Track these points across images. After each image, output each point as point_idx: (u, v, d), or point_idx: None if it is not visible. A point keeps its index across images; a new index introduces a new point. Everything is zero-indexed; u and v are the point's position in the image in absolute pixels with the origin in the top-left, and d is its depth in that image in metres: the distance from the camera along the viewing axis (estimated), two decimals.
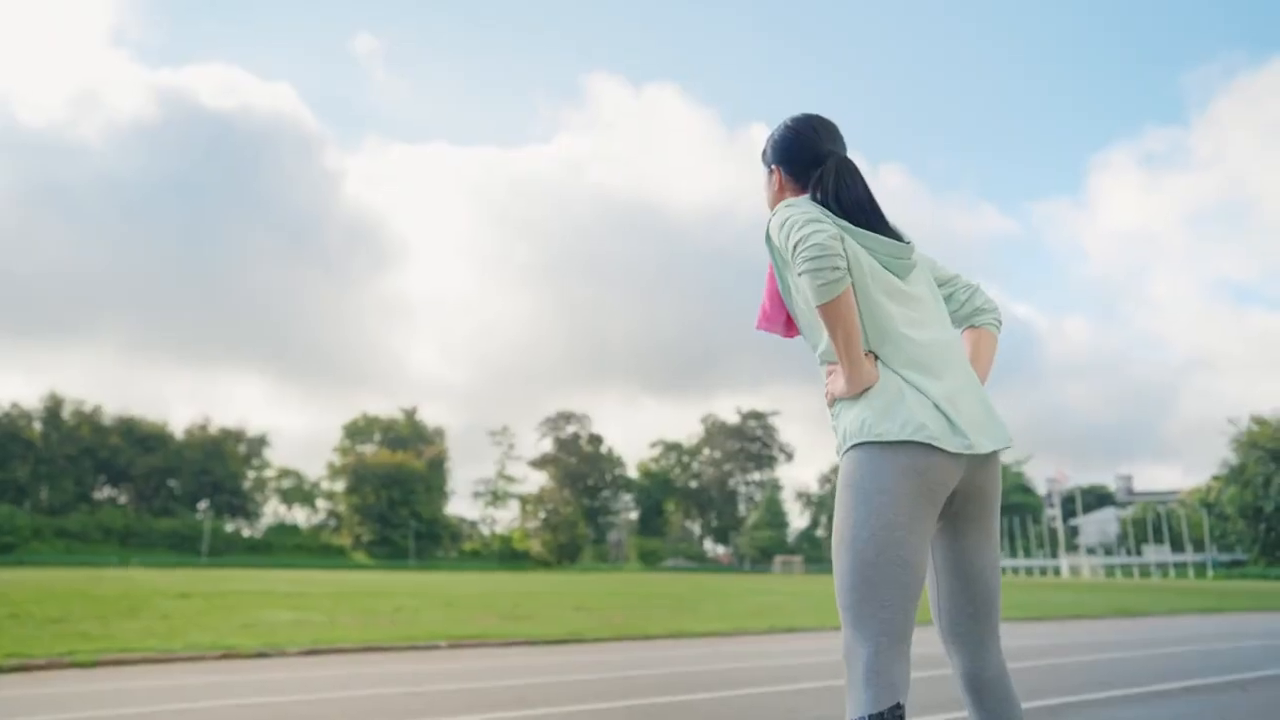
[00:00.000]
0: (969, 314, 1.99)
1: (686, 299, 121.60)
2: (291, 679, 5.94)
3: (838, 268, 1.60)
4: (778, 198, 1.99)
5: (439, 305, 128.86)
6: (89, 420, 74.48)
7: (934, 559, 1.86)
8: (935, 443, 1.64)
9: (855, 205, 1.81)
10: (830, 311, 1.63)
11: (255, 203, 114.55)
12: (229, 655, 7.09)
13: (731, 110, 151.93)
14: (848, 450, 1.73)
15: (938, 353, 1.77)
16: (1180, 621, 13.02)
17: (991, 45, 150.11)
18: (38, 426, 72.15)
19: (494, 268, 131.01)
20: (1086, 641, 9.32)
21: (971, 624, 1.80)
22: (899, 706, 1.59)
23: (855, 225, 1.79)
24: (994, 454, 1.76)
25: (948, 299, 2.00)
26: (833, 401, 1.81)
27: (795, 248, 1.64)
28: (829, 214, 1.78)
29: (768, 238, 1.81)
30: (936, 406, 1.69)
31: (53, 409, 73.10)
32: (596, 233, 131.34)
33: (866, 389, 1.72)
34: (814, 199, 1.83)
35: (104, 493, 77.29)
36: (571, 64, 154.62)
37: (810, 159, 1.91)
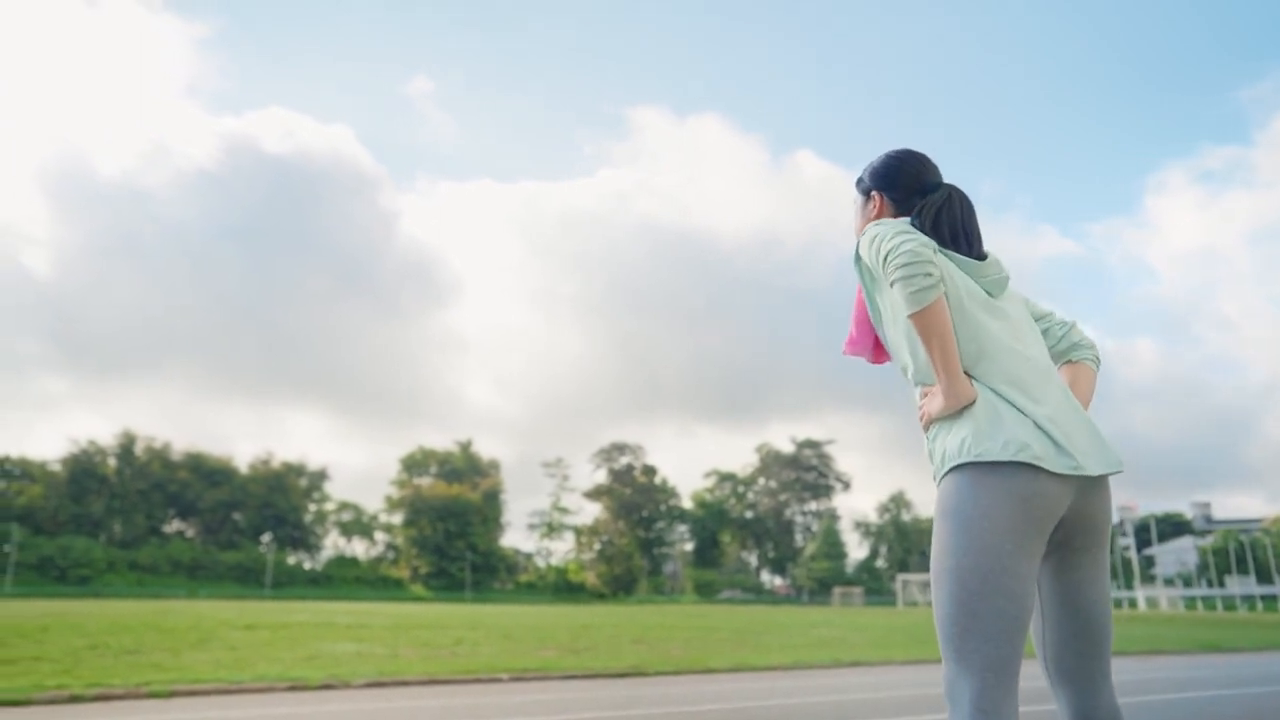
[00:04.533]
0: (1066, 349, 1.92)
1: (737, 327, 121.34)
2: (357, 711, 5.98)
3: (929, 274, 1.57)
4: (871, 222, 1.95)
5: (492, 339, 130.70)
6: (159, 456, 77.10)
7: (1040, 591, 1.74)
8: (1040, 463, 1.55)
9: (953, 232, 1.80)
10: (923, 320, 1.58)
11: (314, 243, 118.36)
12: (296, 687, 7.17)
13: (776, 138, 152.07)
14: (946, 473, 1.65)
15: (1038, 372, 1.70)
16: (1274, 659, 12.32)
17: (1041, 67, 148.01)
18: (112, 463, 74.92)
19: (546, 301, 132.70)
20: (1171, 679, 8.88)
21: (1080, 661, 1.70)
22: None
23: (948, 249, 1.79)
24: (1104, 480, 1.67)
25: (1044, 333, 1.94)
26: (928, 425, 1.73)
27: (886, 258, 1.62)
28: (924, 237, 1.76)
29: (856, 258, 1.78)
30: (1038, 426, 1.60)
31: (126, 446, 75.88)
32: (645, 264, 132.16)
33: (965, 407, 1.65)
34: (913, 223, 1.81)
35: (173, 526, 79.66)
36: (615, 96, 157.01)
37: (916, 187, 1.90)
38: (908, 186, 1.90)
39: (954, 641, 1.56)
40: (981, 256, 1.80)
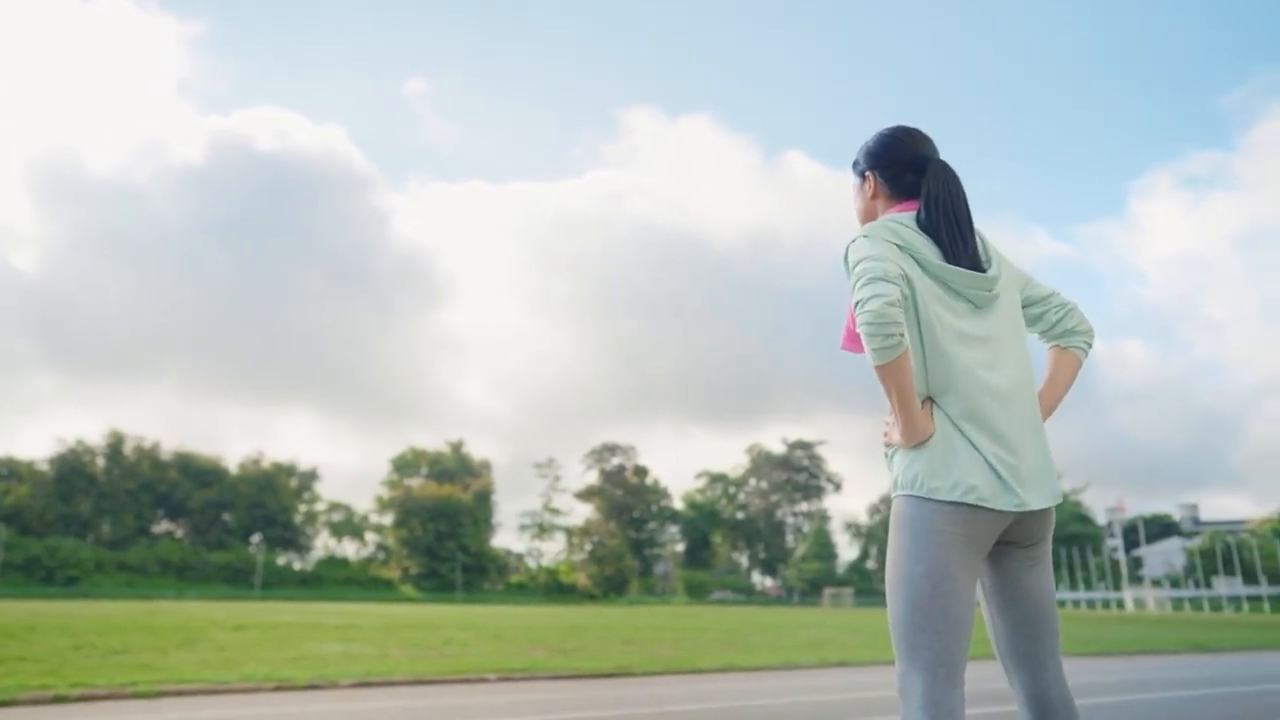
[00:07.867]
0: (1059, 334, 1.96)
1: (730, 329, 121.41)
2: (343, 711, 5.96)
3: (892, 335, 1.60)
4: (870, 207, 1.97)
5: (484, 339, 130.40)
6: (148, 456, 76.53)
7: (984, 585, 1.86)
8: (985, 504, 1.68)
9: (948, 219, 1.80)
10: (885, 373, 1.65)
11: (305, 242, 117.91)
12: (282, 687, 7.14)
13: (768, 137, 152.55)
14: (898, 496, 1.77)
15: (1003, 400, 1.75)
16: (1259, 659, 12.41)
17: (1031, 68, 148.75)
18: (100, 462, 74.34)
19: (538, 302, 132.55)
20: (1159, 679, 8.93)
21: (1029, 644, 1.81)
22: None
23: (940, 247, 1.78)
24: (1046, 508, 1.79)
25: (1039, 318, 1.97)
26: (889, 445, 1.84)
27: (857, 305, 1.65)
28: (906, 244, 1.75)
29: (845, 260, 1.76)
30: (989, 464, 1.70)
31: (115, 445, 75.30)
32: (638, 264, 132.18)
33: (923, 440, 1.74)
34: (918, 218, 1.82)
35: (162, 526, 79.13)
36: (606, 97, 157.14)
37: (907, 162, 1.91)
38: (901, 162, 1.91)
39: (906, 640, 1.69)
40: (979, 267, 1.79)
